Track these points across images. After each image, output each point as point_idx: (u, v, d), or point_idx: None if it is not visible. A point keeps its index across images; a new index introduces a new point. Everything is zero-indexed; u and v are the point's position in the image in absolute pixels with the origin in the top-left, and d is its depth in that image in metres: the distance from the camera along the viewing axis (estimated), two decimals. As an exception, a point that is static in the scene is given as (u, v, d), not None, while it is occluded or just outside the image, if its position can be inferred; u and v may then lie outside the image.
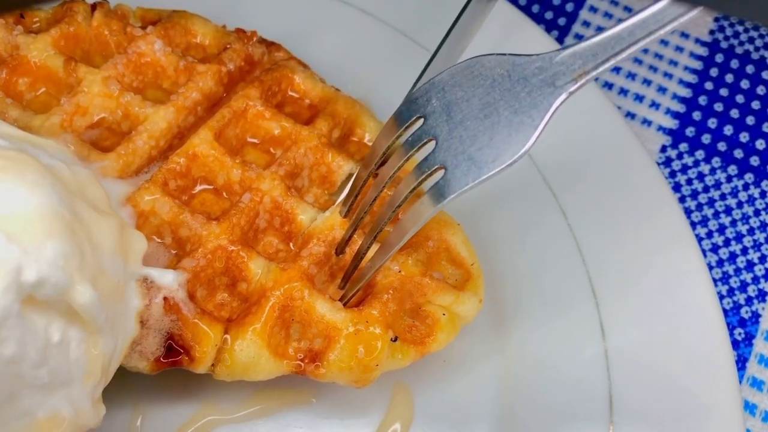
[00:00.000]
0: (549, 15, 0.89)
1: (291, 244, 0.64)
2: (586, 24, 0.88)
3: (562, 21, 0.89)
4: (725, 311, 0.74)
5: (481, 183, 0.54)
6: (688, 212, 0.79)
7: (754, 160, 0.82)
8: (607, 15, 0.89)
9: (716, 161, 0.82)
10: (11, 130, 0.59)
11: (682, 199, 0.79)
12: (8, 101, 0.65)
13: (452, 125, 0.56)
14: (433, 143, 0.56)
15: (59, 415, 0.51)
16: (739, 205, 0.79)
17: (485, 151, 0.54)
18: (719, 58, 0.87)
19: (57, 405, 0.51)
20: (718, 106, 0.84)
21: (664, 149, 0.82)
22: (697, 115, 0.84)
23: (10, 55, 0.66)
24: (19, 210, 0.49)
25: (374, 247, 0.60)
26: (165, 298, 0.58)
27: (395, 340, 0.61)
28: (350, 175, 0.66)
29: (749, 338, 0.74)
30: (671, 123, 0.84)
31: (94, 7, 0.70)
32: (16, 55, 0.66)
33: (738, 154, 0.82)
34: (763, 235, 0.78)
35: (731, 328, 0.74)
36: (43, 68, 0.67)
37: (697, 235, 0.77)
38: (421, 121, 0.57)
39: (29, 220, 0.48)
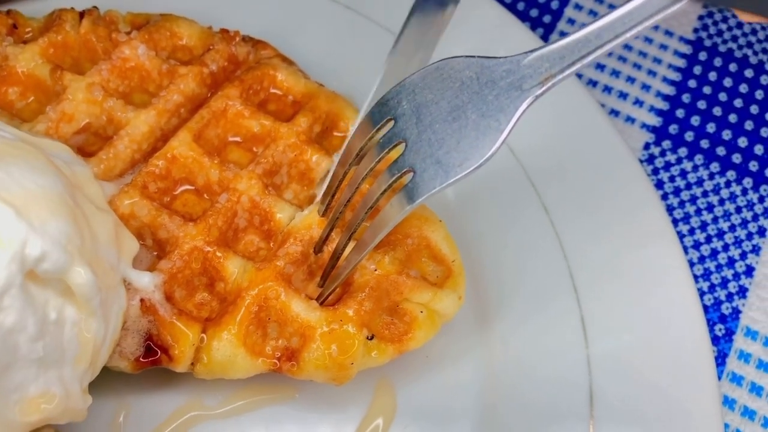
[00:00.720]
0: (534, 12, 0.89)
1: (272, 243, 0.64)
2: (571, 21, 0.88)
3: (547, 18, 0.89)
4: (706, 307, 0.75)
5: (449, 186, 0.55)
6: (670, 209, 0.79)
7: (737, 158, 0.82)
8: (592, 12, 0.88)
9: (699, 158, 0.82)
10: (12, 129, 0.60)
11: (664, 196, 0.80)
12: (-4, 110, 0.66)
13: (421, 128, 0.56)
14: (403, 145, 0.56)
15: (50, 392, 0.52)
16: (721, 202, 0.80)
17: (453, 155, 0.55)
18: (703, 56, 0.87)
19: (49, 383, 0.52)
20: (702, 104, 0.84)
21: (647, 146, 0.82)
22: (680, 113, 0.84)
23: (0, 66, 0.67)
24: (28, 188, 0.51)
25: (351, 246, 0.61)
26: (141, 300, 0.59)
27: (371, 338, 0.61)
28: (328, 172, 0.66)
29: (729, 334, 0.74)
30: (655, 120, 0.84)
31: (83, 14, 0.71)
32: (5, 66, 0.67)
33: (720, 151, 0.82)
34: (744, 232, 0.78)
35: (712, 324, 0.74)
36: (31, 77, 0.68)
37: (678, 232, 0.78)
38: (392, 123, 0.57)
39: (36, 198, 0.50)
